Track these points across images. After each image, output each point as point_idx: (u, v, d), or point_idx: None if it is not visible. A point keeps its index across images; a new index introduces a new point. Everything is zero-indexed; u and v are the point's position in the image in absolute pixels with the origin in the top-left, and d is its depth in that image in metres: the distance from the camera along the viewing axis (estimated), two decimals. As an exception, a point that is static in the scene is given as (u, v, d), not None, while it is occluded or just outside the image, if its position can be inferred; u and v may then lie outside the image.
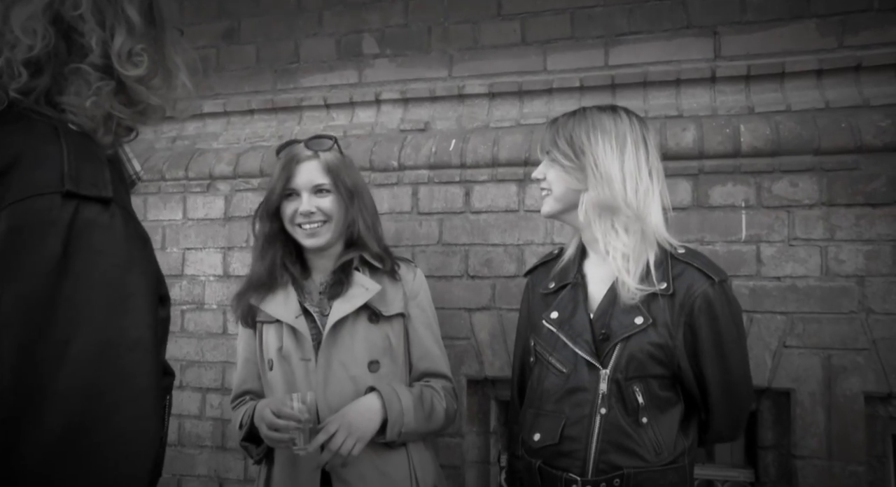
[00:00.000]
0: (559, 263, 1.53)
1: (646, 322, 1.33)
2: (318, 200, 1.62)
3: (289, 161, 1.64)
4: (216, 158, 2.42)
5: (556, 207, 1.44)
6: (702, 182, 1.91)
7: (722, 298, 1.34)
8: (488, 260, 2.09)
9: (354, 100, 2.35)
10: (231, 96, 2.53)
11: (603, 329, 1.38)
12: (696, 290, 1.33)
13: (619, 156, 1.36)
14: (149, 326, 0.80)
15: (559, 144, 1.41)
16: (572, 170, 1.39)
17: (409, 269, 1.71)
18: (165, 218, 2.48)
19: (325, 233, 1.63)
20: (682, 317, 1.33)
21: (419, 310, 1.68)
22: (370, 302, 1.59)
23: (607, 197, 1.35)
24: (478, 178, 2.10)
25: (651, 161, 1.40)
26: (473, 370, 2.09)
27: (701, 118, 1.95)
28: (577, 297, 1.44)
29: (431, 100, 2.27)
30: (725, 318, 1.34)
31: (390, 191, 2.20)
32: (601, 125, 1.38)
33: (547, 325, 1.46)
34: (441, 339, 1.72)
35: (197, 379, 2.41)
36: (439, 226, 2.14)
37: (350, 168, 1.69)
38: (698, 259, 1.38)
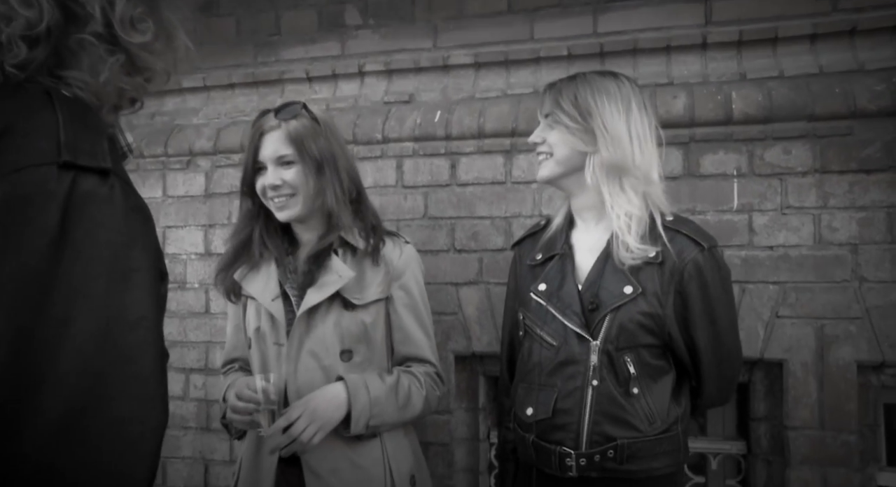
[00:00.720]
0: (546, 234, 1.52)
1: (635, 291, 1.33)
2: (283, 172, 1.56)
3: (255, 133, 1.59)
4: (196, 134, 2.39)
5: (557, 171, 1.42)
6: (693, 150, 1.89)
7: (712, 265, 1.34)
8: (475, 234, 2.08)
9: (337, 72, 2.31)
10: (211, 70, 2.49)
11: (592, 299, 1.37)
12: (686, 258, 1.33)
13: (625, 119, 1.36)
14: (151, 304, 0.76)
15: (563, 106, 1.39)
16: (578, 132, 1.37)
17: (396, 246, 1.64)
18: (145, 196, 2.40)
19: (293, 205, 1.57)
20: (672, 285, 1.33)
21: (403, 292, 1.61)
22: (342, 291, 1.53)
23: (618, 157, 1.34)
24: (464, 150, 2.08)
25: (653, 126, 1.41)
26: (461, 345, 2.08)
27: (692, 85, 1.93)
28: (565, 268, 1.43)
29: (416, 72, 2.24)
30: (715, 284, 1.33)
31: (374, 165, 2.17)
32: (605, 88, 1.38)
33: (535, 298, 1.44)
34: (428, 321, 1.66)
35: (180, 360, 2.39)
36: (424, 199, 2.12)
37: (320, 136, 1.57)
38: (687, 225, 1.37)
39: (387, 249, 1.62)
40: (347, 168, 1.62)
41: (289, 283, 1.61)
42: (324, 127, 1.60)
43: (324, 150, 1.57)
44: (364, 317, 1.56)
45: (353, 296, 1.55)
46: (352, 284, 1.55)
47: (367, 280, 1.58)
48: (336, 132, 1.63)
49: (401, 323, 1.62)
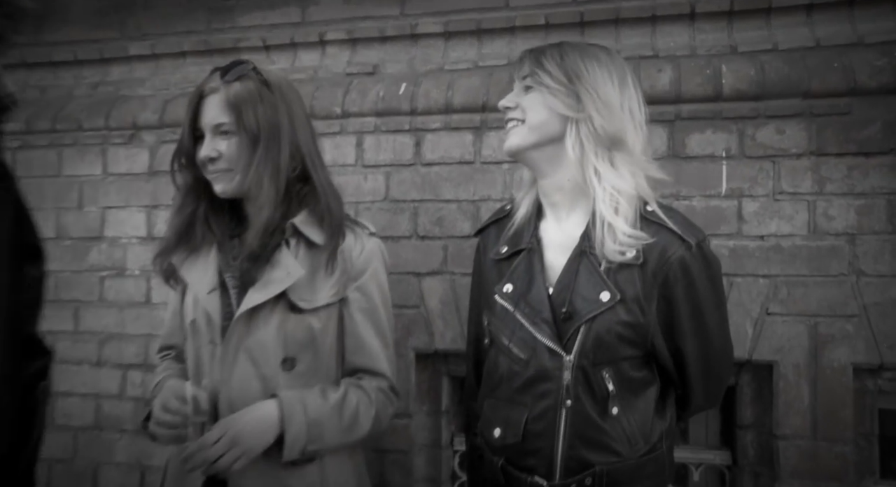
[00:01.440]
0: (512, 223, 1.37)
1: (613, 298, 1.18)
2: (220, 142, 1.40)
3: (195, 94, 1.43)
4: (141, 105, 2.23)
5: (530, 139, 1.26)
6: (678, 128, 1.76)
7: (700, 263, 1.20)
8: (440, 219, 1.93)
9: (296, 40, 2.17)
10: (161, 37, 2.33)
11: (564, 307, 1.22)
12: (672, 256, 1.18)
13: (619, 92, 1.23)
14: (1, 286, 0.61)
15: (546, 65, 1.24)
16: (560, 94, 1.22)
17: (358, 240, 1.47)
18: (83, 173, 2.28)
19: (227, 180, 1.42)
20: (656, 289, 1.19)
21: (360, 294, 1.45)
22: (289, 291, 1.38)
23: (612, 126, 1.20)
24: (429, 126, 1.94)
25: (643, 107, 1.28)
26: (423, 342, 1.94)
27: (678, 58, 1.80)
28: (533, 267, 1.28)
29: (381, 41, 2.10)
30: (704, 285, 1.20)
31: (332, 141, 2.02)
32: (595, 56, 1.25)
33: (500, 301, 1.30)
34: (388, 328, 1.50)
35: (117, 355, 2.23)
36: (386, 179, 1.98)
37: (264, 102, 1.40)
38: (672, 217, 1.22)
39: (346, 243, 1.45)
40: (295, 142, 1.43)
41: (230, 273, 1.44)
42: (276, 92, 1.42)
43: (264, 120, 1.39)
44: (312, 322, 1.40)
45: (302, 298, 1.39)
46: (301, 284, 1.39)
47: (320, 279, 1.42)
48: (291, 99, 1.45)
49: (355, 329, 1.45)
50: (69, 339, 2.26)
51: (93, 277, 2.26)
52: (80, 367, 2.26)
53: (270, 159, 1.39)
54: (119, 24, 2.37)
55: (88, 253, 2.26)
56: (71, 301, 2.27)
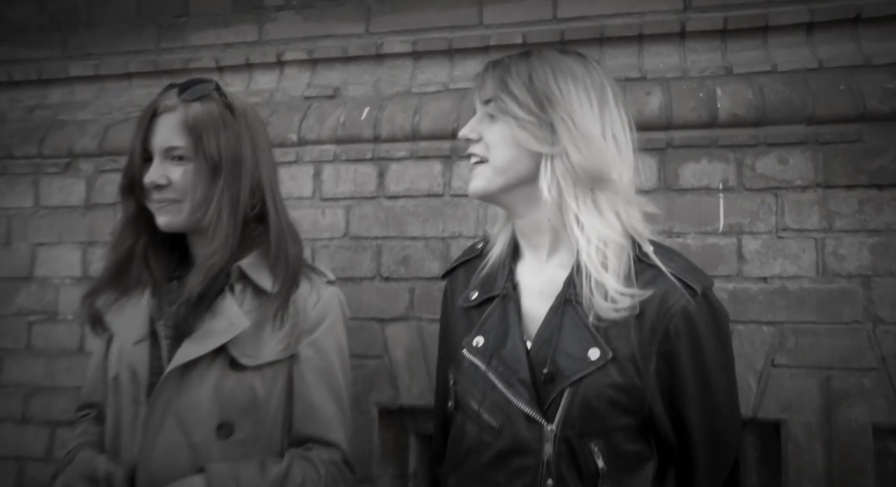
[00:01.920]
0: (484, 264, 1.18)
1: (603, 356, 1.00)
2: (171, 168, 1.25)
3: (147, 111, 1.27)
4: (79, 131, 2.04)
5: (497, 182, 1.08)
6: (670, 158, 1.60)
7: (707, 315, 1.01)
8: (406, 258, 1.74)
9: (252, 61, 2.00)
10: (105, 57, 2.16)
11: (546, 366, 1.02)
12: (673, 307, 1.00)
13: (599, 115, 1.05)
14: None
15: (512, 88, 1.05)
16: (531, 125, 1.04)
17: (314, 289, 1.30)
18: (12, 205, 2.07)
19: (174, 212, 1.26)
20: (654, 345, 1.00)
21: (313, 351, 1.27)
22: (230, 345, 1.20)
23: (592, 161, 1.02)
24: (394, 155, 1.77)
25: (628, 127, 1.10)
26: (387, 396, 1.73)
27: (669, 80, 1.65)
28: (509, 317, 1.10)
29: (344, 61, 1.94)
30: (710, 342, 1.01)
31: (288, 171, 1.84)
32: (570, 71, 1.06)
33: (469, 356, 1.11)
34: (345, 390, 1.32)
35: (45, 411, 1.99)
36: (346, 214, 1.79)
37: (227, 129, 1.27)
38: (673, 260, 1.04)
39: (300, 292, 1.28)
40: (256, 176, 1.29)
41: (164, 321, 1.26)
42: (240, 119, 1.29)
43: (227, 149, 1.25)
44: (255, 382, 1.22)
45: (244, 354, 1.21)
46: (245, 337, 1.21)
47: (267, 332, 1.24)
48: (255, 129, 1.31)
49: (306, 391, 1.27)
50: (-8, 391, 2.03)
51: (20, 322, 2.04)
52: (3, 425, 2.02)
53: (231, 193, 1.24)
54: (60, 43, 2.20)
55: (16, 296, 2.05)
56: (-4, 348, 2.05)
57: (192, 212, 1.26)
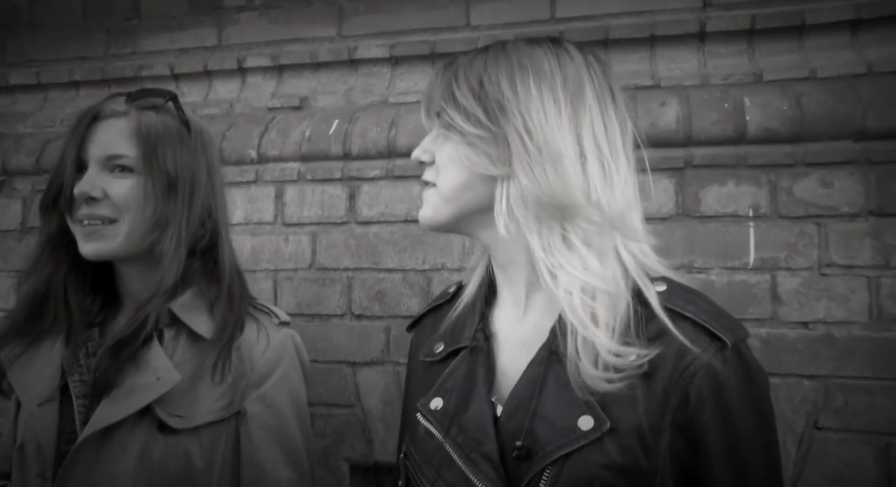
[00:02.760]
0: (455, 308, 0.96)
1: (598, 427, 0.75)
2: (111, 181, 1.05)
3: (85, 116, 1.08)
4: (15, 146, 1.82)
5: (446, 212, 0.86)
6: (690, 179, 1.36)
7: (739, 375, 0.76)
8: (380, 293, 1.51)
9: (211, 68, 1.77)
10: (48, 63, 1.94)
11: (519, 438, 0.78)
12: (694, 364, 0.75)
13: (571, 121, 0.80)
14: None
15: (458, 96, 0.83)
16: (481, 142, 0.81)
17: (261, 333, 1.10)
18: (-61, 229, 1.84)
19: (109, 236, 1.05)
20: (668, 415, 0.75)
21: (263, 407, 1.07)
22: (157, 404, 1.00)
23: (554, 186, 0.78)
24: (367, 174, 1.53)
25: (628, 132, 0.86)
26: (359, 452, 1.49)
27: (687, 89, 1.41)
28: (475, 373, 0.86)
29: (314, 68, 1.71)
30: (745, 412, 0.76)
31: (246, 193, 1.61)
32: (535, 66, 0.82)
33: (424, 422, 0.87)
34: (304, 450, 1.11)
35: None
36: (312, 241, 1.56)
37: (184, 147, 1.11)
38: (694, 303, 0.79)
39: (245, 337, 1.08)
40: (208, 205, 1.12)
41: (78, 376, 1.05)
42: (195, 137, 1.14)
43: (184, 168, 1.09)
44: (190, 447, 1.02)
45: (174, 413, 1.01)
46: (177, 393, 1.01)
47: (205, 386, 1.04)
48: (210, 150, 1.17)
49: (255, 455, 1.06)
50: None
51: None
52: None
53: (185, 218, 1.08)
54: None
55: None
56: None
57: (128, 237, 1.05)
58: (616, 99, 0.85)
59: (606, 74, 0.85)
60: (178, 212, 1.07)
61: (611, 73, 0.87)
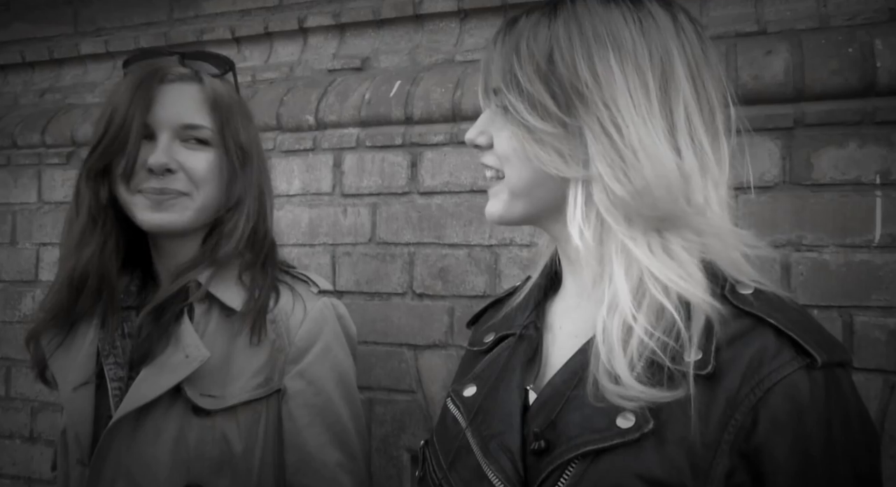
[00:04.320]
0: (513, 300, 0.86)
1: (640, 426, 0.63)
2: (187, 153, 1.01)
3: (148, 76, 1.01)
4: (83, 116, 1.84)
5: (518, 208, 0.75)
6: (800, 141, 1.18)
7: (830, 406, 0.62)
8: (444, 270, 1.42)
9: (271, 29, 1.72)
10: (116, 31, 1.95)
11: (544, 429, 0.68)
12: (770, 378, 0.62)
13: (663, 106, 0.67)
14: None
15: (520, 77, 0.70)
16: (550, 138, 0.69)
17: (297, 303, 1.04)
18: (16, 200, 1.91)
19: (180, 208, 1.01)
20: (729, 433, 0.62)
21: (304, 384, 1.02)
22: (186, 386, 0.96)
23: (656, 193, 0.66)
24: (429, 140, 1.44)
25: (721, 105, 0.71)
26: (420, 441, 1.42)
27: (800, 33, 1.22)
28: (513, 360, 0.76)
29: (377, 26, 1.62)
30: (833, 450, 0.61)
31: (304, 161, 1.55)
32: (614, 35, 0.67)
33: (452, 409, 0.79)
34: (353, 429, 1.06)
35: (52, 428, 1.83)
36: (372, 213, 1.49)
37: (247, 117, 1.10)
38: (784, 312, 0.65)
39: (280, 307, 1.03)
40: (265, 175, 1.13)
41: (113, 358, 1.03)
42: (246, 107, 1.12)
43: (252, 142, 1.08)
44: (227, 429, 0.98)
45: (206, 394, 0.97)
46: (208, 372, 0.97)
47: (238, 363, 1.00)
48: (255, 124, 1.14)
49: (299, 437, 1.02)
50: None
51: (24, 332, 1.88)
52: (11, 442, 1.87)
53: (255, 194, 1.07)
54: (72, 18, 2.00)
55: (21, 301, 1.88)
56: (1, 358, 1.90)
57: (199, 211, 1.03)
58: (712, 68, 0.71)
59: (701, 38, 0.71)
60: (250, 186, 1.05)
61: (705, 35, 0.72)
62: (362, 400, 1.43)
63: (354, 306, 1.47)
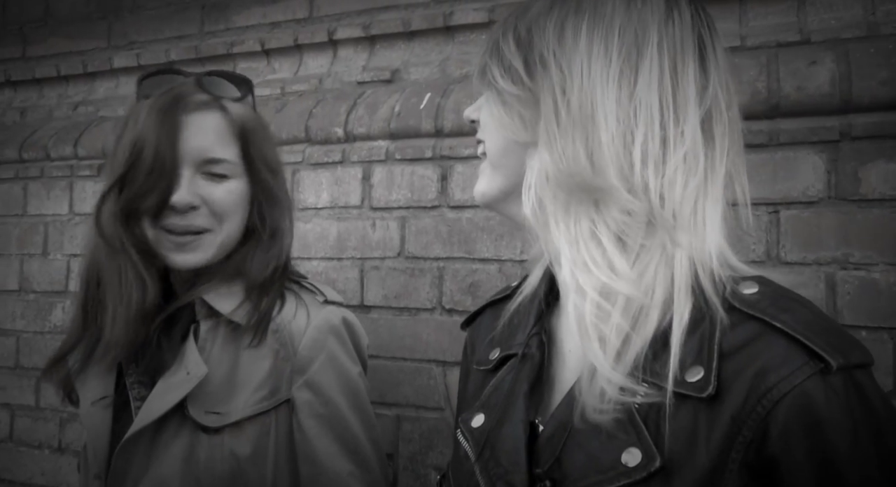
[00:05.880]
0: (511, 305, 0.82)
1: (647, 465, 0.60)
2: (209, 186, 1.00)
3: (170, 106, 0.99)
4: (114, 129, 1.84)
5: (495, 183, 0.75)
6: (847, 154, 1.14)
7: (850, 411, 0.57)
8: (474, 285, 1.40)
9: (301, 41, 1.72)
10: (147, 44, 1.97)
11: (549, 468, 0.66)
12: (778, 388, 0.57)
13: (623, 76, 0.65)
14: None
15: (502, 46, 0.72)
16: (516, 102, 0.70)
17: (300, 312, 1.03)
18: (49, 212, 1.93)
19: (205, 246, 1.01)
20: (737, 452, 0.58)
21: (311, 394, 1.01)
22: (189, 404, 0.96)
23: (582, 162, 0.65)
24: (460, 153, 1.42)
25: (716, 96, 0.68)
26: (449, 458, 1.40)
27: (847, 43, 1.18)
28: (518, 386, 0.73)
29: (407, 38, 1.61)
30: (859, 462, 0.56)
31: (332, 174, 1.55)
32: (595, 8, 0.67)
33: (462, 443, 0.76)
34: (363, 437, 1.05)
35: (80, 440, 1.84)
36: (401, 227, 1.47)
37: (269, 138, 1.11)
38: (792, 311, 0.61)
39: (283, 316, 1.02)
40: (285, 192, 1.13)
41: (135, 375, 1.04)
42: (265, 123, 1.14)
43: (277, 163, 1.10)
44: (235, 446, 0.97)
45: (212, 410, 0.97)
46: (212, 388, 0.97)
47: (241, 377, 0.99)
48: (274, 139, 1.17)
49: (308, 447, 1.01)
50: (28, 417, 1.90)
51: (57, 340, 1.89)
52: (40, 452, 1.89)
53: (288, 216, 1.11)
54: (106, 32, 2.04)
55: (52, 312, 1.90)
56: (32, 368, 1.92)
57: (222, 246, 1.03)
58: (706, 57, 0.68)
59: (696, 24, 0.69)
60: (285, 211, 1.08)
61: (711, 24, 0.70)
62: (390, 416, 1.42)
63: (382, 321, 1.45)
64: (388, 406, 1.43)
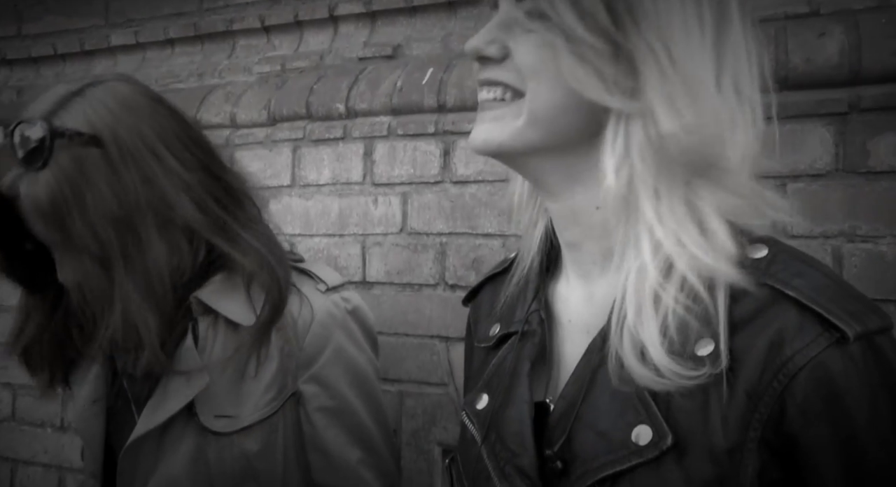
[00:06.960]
0: (510, 278, 0.78)
1: (658, 442, 0.57)
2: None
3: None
4: (114, 107, 1.83)
5: (527, 137, 0.62)
6: (855, 127, 1.13)
7: (871, 381, 0.55)
8: (477, 261, 1.39)
9: (301, 17, 1.70)
10: (145, 22, 1.94)
11: (559, 449, 0.63)
12: (794, 361, 0.55)
13: (714, 45, 0.60)
14: None
15: None
16: (595, 56, 0.58)
17: (303, 305, 0.99)
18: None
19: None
20: (754, 431, 0.56)
21: (318, 388, 0.99)
22: (198, 408, 0.94)
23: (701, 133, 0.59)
24: (463, 128, 1.40)
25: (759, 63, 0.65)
26: (451, 435, 1.40)
27: (856, 14, 1.16)
28: (520, 364, 0.70)
29: (409, 13, 1.59)
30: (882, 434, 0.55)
31: (334, 151, 1.53)
32: None
33: (468, 425, 0.73)
34: (373, 427, 1.05)
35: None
36: (403, 203, 1.46)
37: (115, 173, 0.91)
38: (805, 276, 0.58)
39: (286, 312, 0.98)
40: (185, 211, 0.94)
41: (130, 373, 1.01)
42: (123, 138, 0.92)
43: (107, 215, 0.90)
44: (246, 445, 0.96)
45: (222, 413, 0.95)
46: (220, 391, 0.95)
47: (251, 378, 0.97)
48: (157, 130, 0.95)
49: (318, 439, 1.01)
50: (30, 396, 1.90)
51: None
52: (42, 430, 1.89)
53: (142, 273, 0.91)
54: (103, 9, 2.00)
55: (52, 291, 1.89)
56: (33, 348, 1.91)
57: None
58: (749, 17, 0.64)
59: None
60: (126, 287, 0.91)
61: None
62: (392, 392, 1.41)
63: (385, 297, 1.44)
64: (391, 382, 1.42)
